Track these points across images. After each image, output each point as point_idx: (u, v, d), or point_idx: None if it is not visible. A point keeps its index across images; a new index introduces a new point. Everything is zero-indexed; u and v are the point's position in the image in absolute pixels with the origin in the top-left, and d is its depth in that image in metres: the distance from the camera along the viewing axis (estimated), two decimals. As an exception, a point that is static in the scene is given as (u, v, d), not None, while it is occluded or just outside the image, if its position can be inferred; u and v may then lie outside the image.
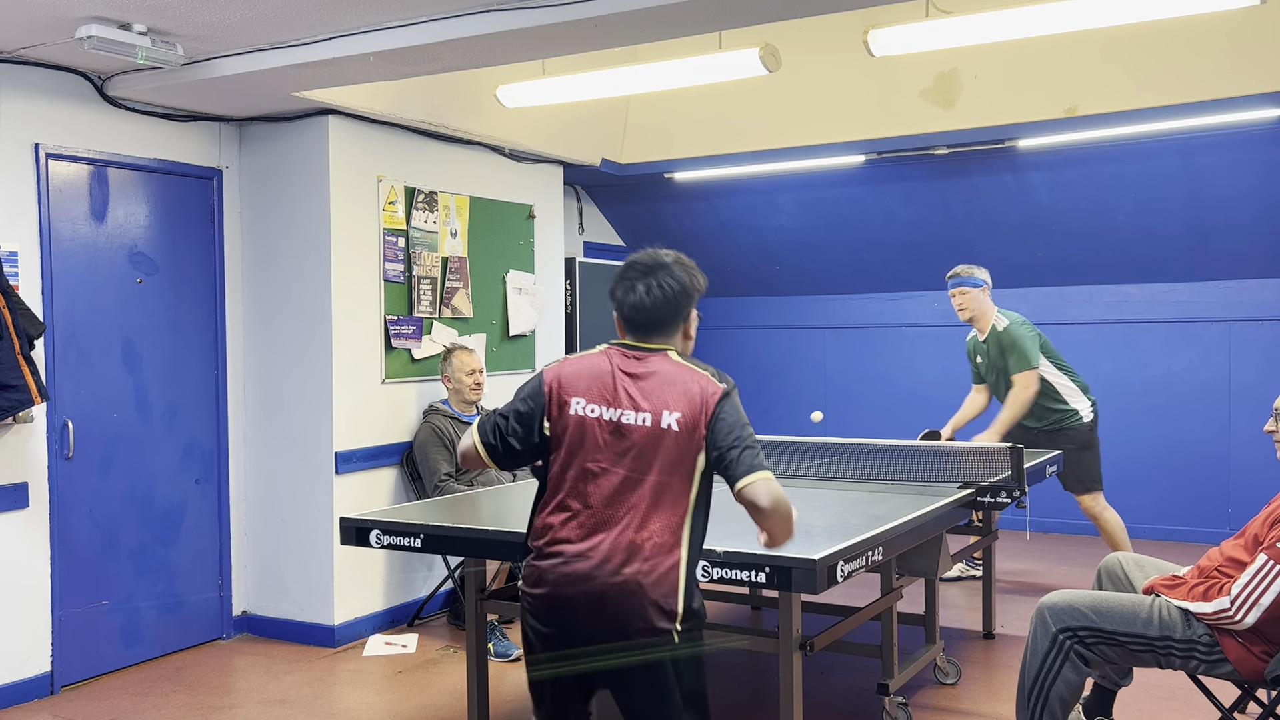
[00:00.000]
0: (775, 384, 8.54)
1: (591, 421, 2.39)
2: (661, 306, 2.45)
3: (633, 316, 2.47)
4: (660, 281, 2.46)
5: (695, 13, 3.60)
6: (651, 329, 2.47)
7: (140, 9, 3.72)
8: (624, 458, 2.35)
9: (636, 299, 2.45)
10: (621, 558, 2.30)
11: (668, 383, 2.38)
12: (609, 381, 2.41)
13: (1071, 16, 3.98)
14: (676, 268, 2.50)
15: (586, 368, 2.44)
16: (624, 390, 2.39)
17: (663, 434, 2.34)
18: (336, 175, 5.12)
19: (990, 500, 3.92)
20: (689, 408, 2.35)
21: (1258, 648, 3.02)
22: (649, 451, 2.35)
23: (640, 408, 2.37)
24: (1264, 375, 6.80)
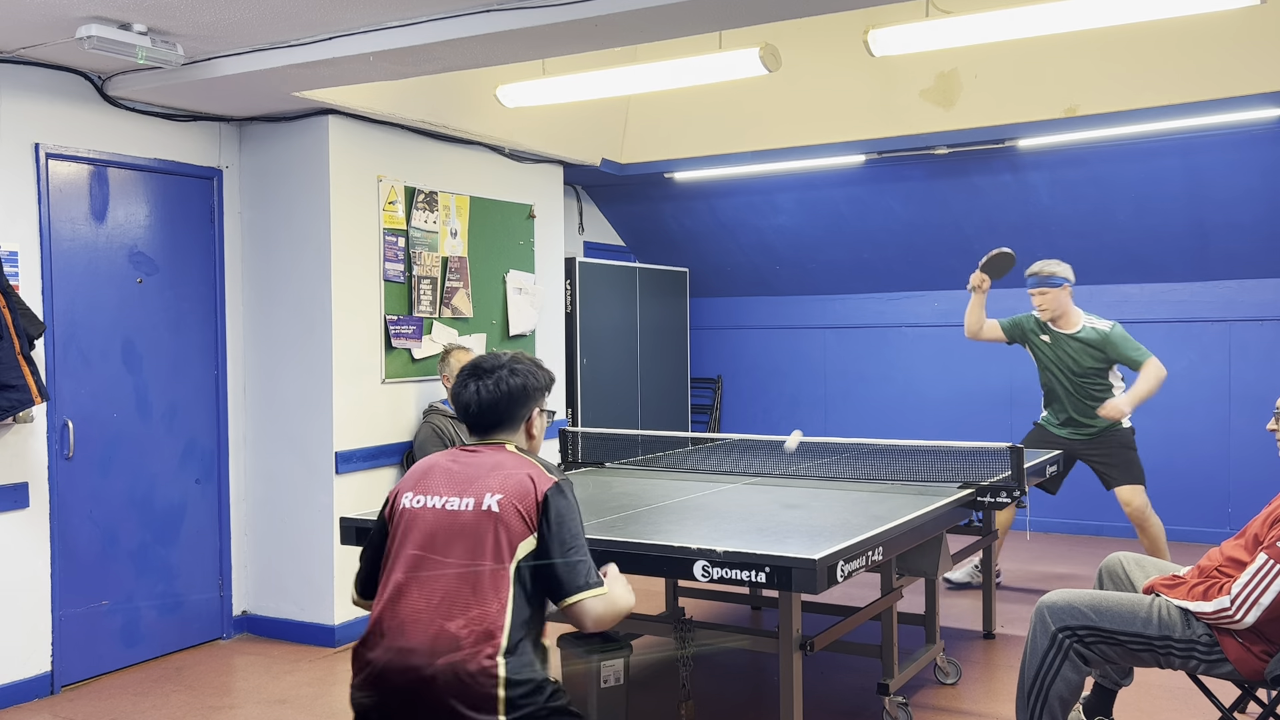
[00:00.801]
0: (775, 384, 8.54)
1: (416, 512, 2.38)
2: (496, 405, 2.46)
3: (466, 417, 2.51)
4: (496, 381, 2.47)
5: (695, 13, 3.60)
6: (489, 429, 2.50)
7: (140, 9, 3.72)
8: (447, 545, 2.31)
9: (469, 397, 2.48)
10: (440, 647, 2.22)
11: (495, 469, 2.38)
12: (436, 473, 2.42)
13: (1072, 16, 3.98)
14: (516, 365, 2.50)
15: (422, 466, 2.48)
16: (449, 479, 2.39)
17: (483, 517, 2.31)
18: (336, 175, 5.12)
19: (990, 500, 3.92)
20: (514, 491, 2.33)
21: (1257, 647, 3.02)
22: (470, 538, 2.30)
23: (464, 493, 2.35)
24: (1264, 375, 6.80)
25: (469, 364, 2.53)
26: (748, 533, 3.17)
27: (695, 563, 2.90)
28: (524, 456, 2.44)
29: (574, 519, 2.36)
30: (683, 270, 8.51)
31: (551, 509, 2.32)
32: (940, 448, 5.14)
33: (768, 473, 4.54)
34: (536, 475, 2.36)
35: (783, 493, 4.00)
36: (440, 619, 2.25)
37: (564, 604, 2.31)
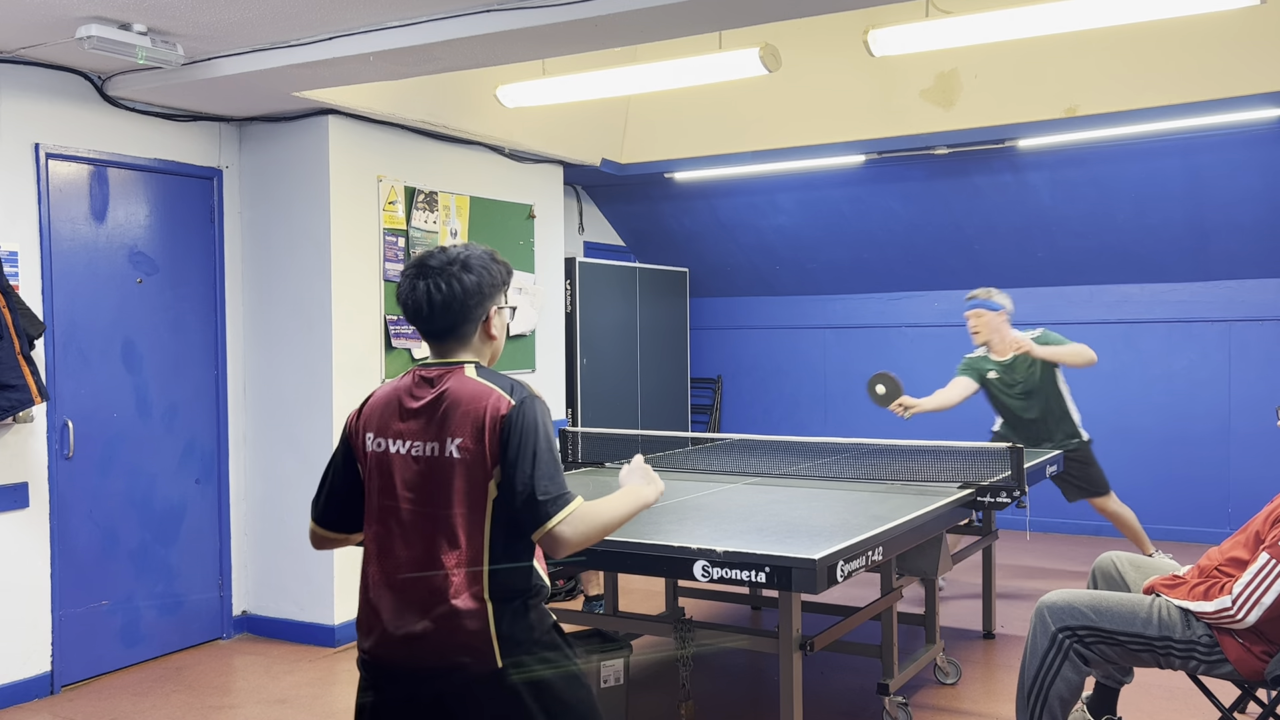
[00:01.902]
0: (775, 384, 8.54)
1: (380, 456, 2.20)
2: (449, 306, 2.17)
3: (416, 322, 2.23)
4: (448, 279, 2.17)
5: (695, 13, 3.60)
6: (443, 334, 2.22)
7: (140, 9, 3.72)
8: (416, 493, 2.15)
9: (418, 298, 2.18)
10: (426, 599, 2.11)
11: (455, 405, 2.14)
12: (396, 413, 2.20)
13: (1072, 16, 3.98)
14: (469, 258, 2.20)
15: (382, 396, 2.25)
16: (410, 420, 2.18)
17: (448, 463, 2.12)
18: (336, 175, 5.12)
19: (990, 500, 3.92)
20: (473, 432, 2.11)
21: (1258, 648, 3.02)
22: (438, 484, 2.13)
23: (425, 437, 2.15)
24: (1264, 375, 6.80)
25: (414, 260, 2.22)
26: (748, 533, 3.16)
27: (695, 563, 2.90)
28: (482, 382, 2.16)
29: (533, 437, 2.10)
30: (683, 270, 8.51)
31: (511, 433, 2.09)
32: (940, 448, 5.14)
33: (768, 473, 4.53)
34: (494, 404, 2.11)
35: (783, 493, 3.99)
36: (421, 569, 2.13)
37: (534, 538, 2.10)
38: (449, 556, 2.12)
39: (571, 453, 4.83)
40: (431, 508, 2.13)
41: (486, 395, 2.13)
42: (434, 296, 2.17)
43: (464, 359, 2.22)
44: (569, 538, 2.08)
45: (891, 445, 5.30)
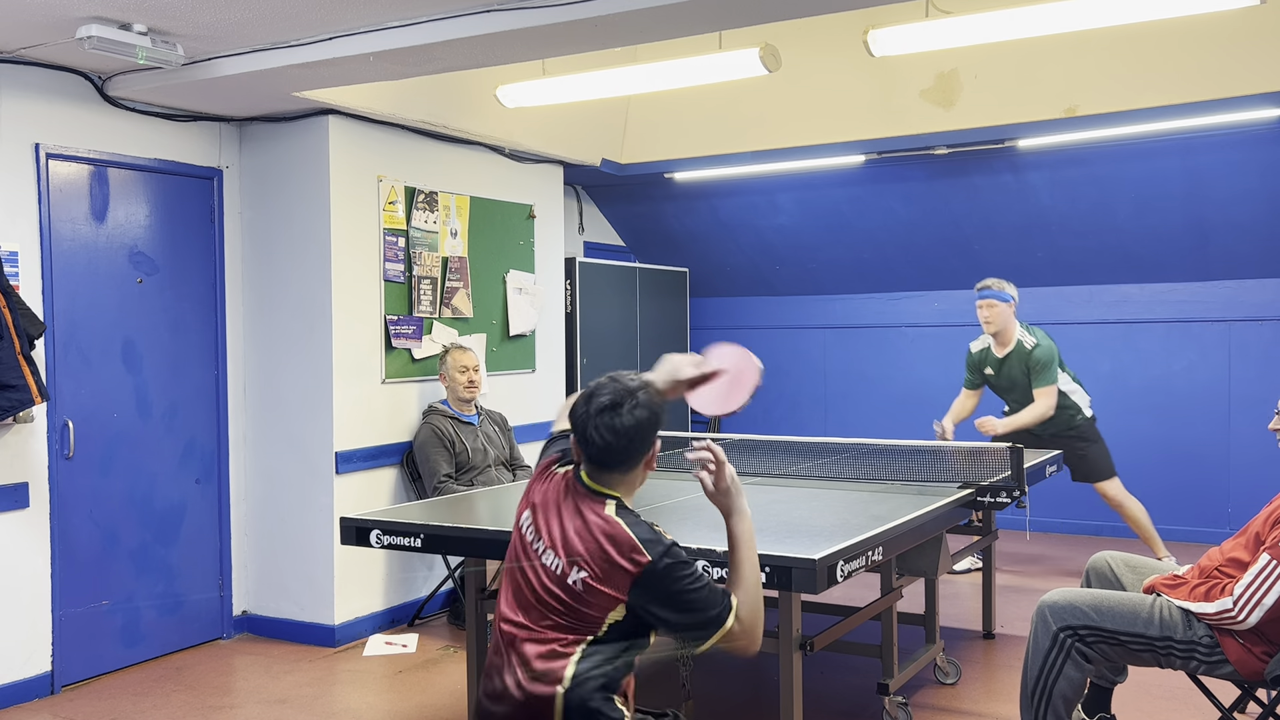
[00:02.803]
0: (775, 384, 8.54)
1: (522, 535, 2.44)
2: (625, 445, 2.32)
3: (590, 452, 2.36)
4: (630, 412, 2.31)
5: (695, 13, 3.60)
6: (614, 465, 2.36)
7: (140, 9, 3.72)
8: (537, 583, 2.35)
9: (598, 438, 2.32)
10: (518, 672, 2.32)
11: (592, 538, 2.30)
12: (548, 507, 2.41)
13: (1072, 16, 3.98)
14: (642, 395, 2.34)
15: (548, 486, 2.46)
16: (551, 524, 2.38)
17: (569, 586, 2.30)
18: (336, 175, 5.12)
19: (990, 500, 3.92)
20: (601, 574, 2.27)
21: (1258, 648, 3.02)
22: (555, 588, 2.32)
23: (556, 549, 2.33)
24: (1264, 375, 6.80)
25: (594, 390, 2.38)
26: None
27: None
28: (624, 529, 2.29)
29: (682, 572, 2.26)
30: (683, 270, 8.51)
31: (652, 586, 2.25)
32: (940, 448, 5.14)
33: (768, 473, 4.53)
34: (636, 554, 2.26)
35: (783, 493, 3.99)
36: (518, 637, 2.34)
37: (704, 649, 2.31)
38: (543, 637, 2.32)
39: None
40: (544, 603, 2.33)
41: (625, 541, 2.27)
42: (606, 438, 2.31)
43: (613, 492, 2.37)
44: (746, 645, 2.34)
45: (891, 445, 5.30)
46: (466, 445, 5.36)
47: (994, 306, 5.83)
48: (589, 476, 2.39)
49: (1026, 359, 5.84)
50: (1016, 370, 5.90)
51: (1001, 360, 5.94)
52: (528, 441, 6.11)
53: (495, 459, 5.46)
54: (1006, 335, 5.90)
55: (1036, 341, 5.84)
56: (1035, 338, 5.86)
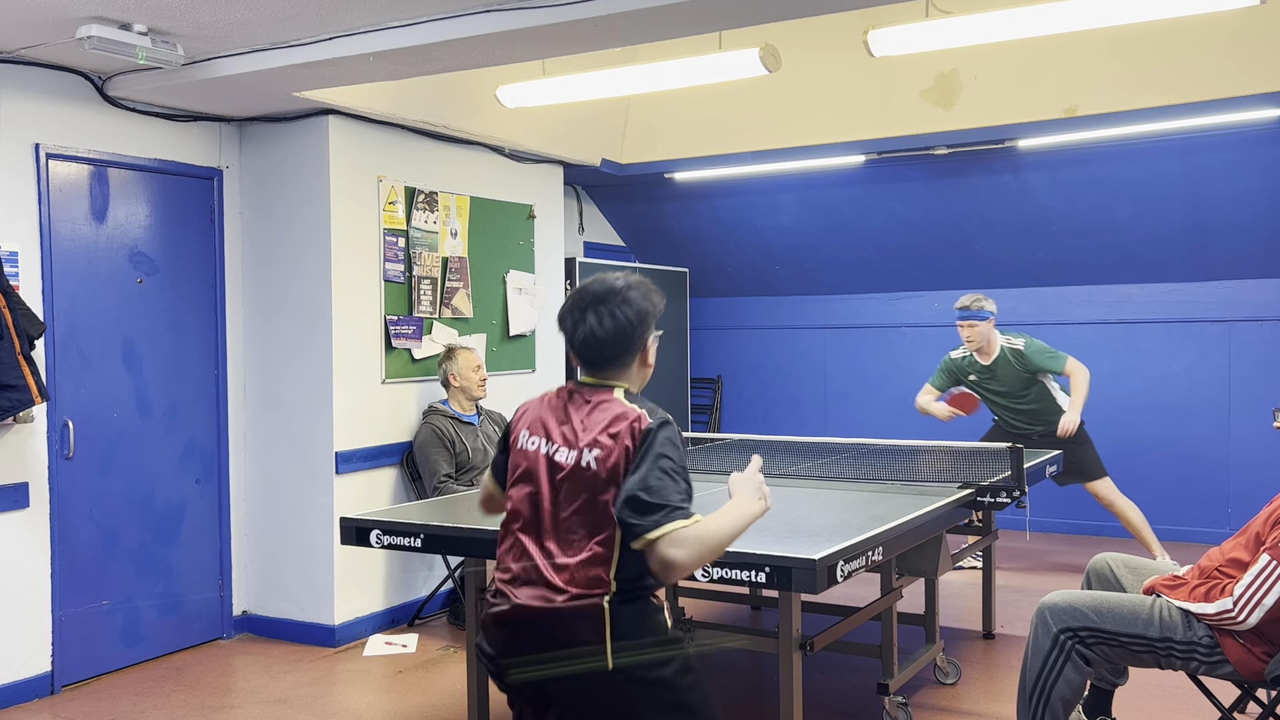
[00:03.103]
0: (775, 384, 8.54)
1: (528, 453, 2.37)
2: (616, 338, 2.31)
3: (584, 352, 2.35)
4: (612, 310, 2.30)
5: (695, 13, 3.60)
6: (606, 362, 2.35)
7: (140, 9, 3.72)
8: (556, 490, 2.30)
9: (586, 332, 2.31)
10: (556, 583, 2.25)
11: (599, 420, 2.29)
12: (549, 416, 2.38)
13: (1072, 16, 3.98)
14: (631, 293, 2.33)
15: (539, 404, 2.43)
16: (559, 427, 2.34)
17: (582, 471, 2.27)
18: (336, 175, 5.12)
19: (990, 500, 3.92)
20: (610, 445, 2.25)
21: (1258, 648, 3.02)
22: (576, 486, 2.28)
23: (570, 444, 2.30)
24: (1264, 375, 6.80)
25: (579, 289, 2.36)
26: (748, 533, 3.16)
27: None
28: (630, 406, 2.29)
29: (661, 449, 2.21)
30: (683, 270, 8.51)
31: (643, 443, 2.22)
32: (940, 448, 5.14)
33: (768, 473, 4.53)
34: (634, 420, 2.25)
35: (783, 493, 4.00)
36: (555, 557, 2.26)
37: (634, 546, 2.18)
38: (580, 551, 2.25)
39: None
40: (567, 505, 2.28)
41: (630, 414, 2.27)
42: (598, 333, 2.30)
43: (617, 383, 2.36)
44: (676, 559, 2.15)
45: (891, 445, 5.30)
46: (467, 445, 5.36)
47: (974, 326, 5.94)
48: (589, 376, 2.40)
49: (1021, 359, 5.92)
50: (1008, 373, 5.98)
51: (987, 367, 6.04)
52: (528, 441, 6.10)
53: (495, 459, 5.45)
54: (990, 347, 6.02)
55: (1024, 341, 5.94)
56: (1019, 339, 5.96)
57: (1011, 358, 5.94)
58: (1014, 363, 5.93)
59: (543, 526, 2.31)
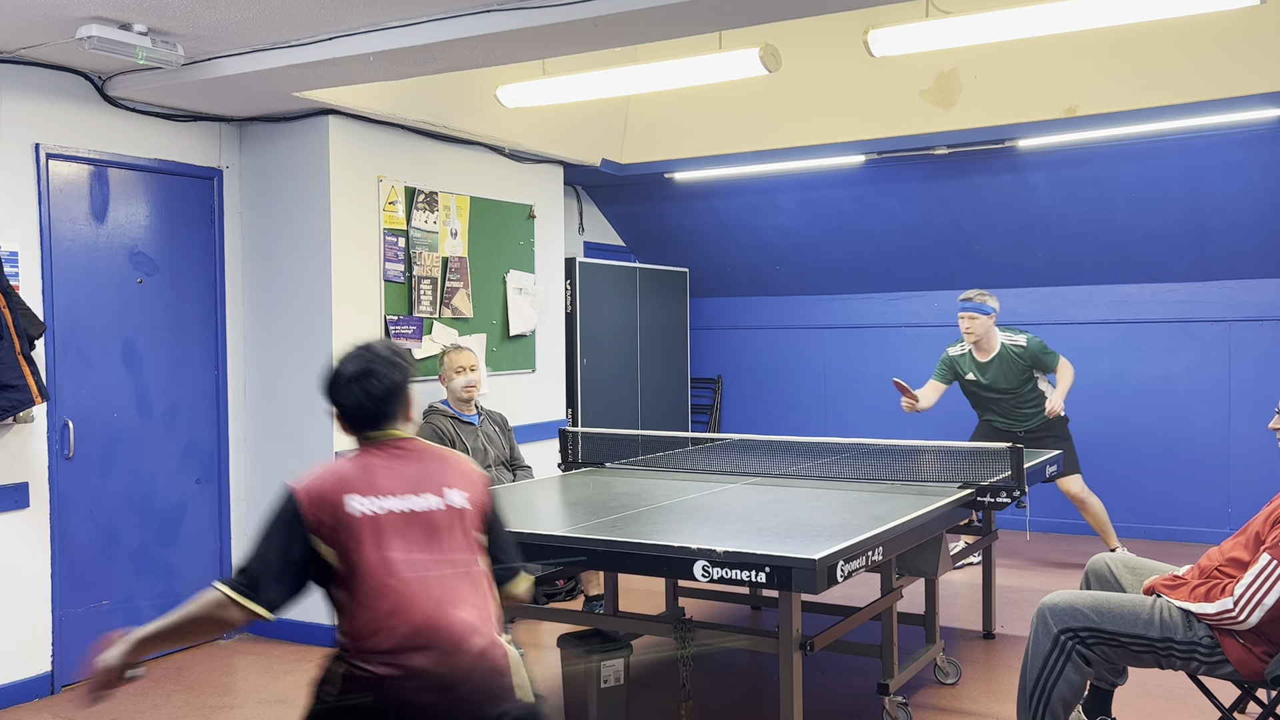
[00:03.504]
0: (775, 384, 8.54)
1: (378, 518, 2.27)
2: (390, 397, 2.44)
3: (360, 418, 2.44)
4: (380, 377, 2.44)
5: (695, 13, 3.60)
6: (381, 423, 2.45)
7: (140, 9, 3.72)
8: (429, 544, 2.29)
9: (361, 399, 2.42)
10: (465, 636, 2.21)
11: (439, 465, 2.42)
12: (380, 474, 2.34)
13: (1072, 16, 3.98)
14: (393, 358, 2.49)
15: (353, 470, 2.35)
16: (397, 479, 2.34)
17: (453, 514, 2.35)
18: (336, 175, 5.12)
19: (990, 500, 3.92)
20: (471, 488, 2.40)
21: (1259, 648, 3.02)
22: (446, 533, 2.32)
23: (421, 490, 2.34)
24: (1264, 375, 6.80)
25: (342, 365, 2.48)
26: (748, 533, 3.17)
27: (695, 563, 2.90)
28: (442, 450, 2.49)
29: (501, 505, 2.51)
30: (683, 270, 8.51)
31: (495, 502, 2.47)
32: (940, 448, 5.14)
33: (768, 473, 4.54)
34: (474, 472, 2.46)
35: (783, 493, 4.00)
36: (455, 610, 2.24)
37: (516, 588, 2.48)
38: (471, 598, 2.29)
39: (571, 453, 4.83)
40: (446, 556, 2.31)
41: (463, 463, 2.47)
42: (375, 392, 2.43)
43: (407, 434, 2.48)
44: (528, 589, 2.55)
45: (891, 445, 5.30)
46: (467, 445, 5.36)
47: (975, 319, 5.98)
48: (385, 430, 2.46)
49: (1022, 355, 5.97)
50: (1006, 370, 6.02)
51: (984, 365, 6.06)
52: (528, 442, 6.11)
53: (495, 459, 5.46)
54: (988, 343, 6.04)
55: (1025, 337, 5.99)
56: (1021, 335, 6.01)
57: (1013, 352, 5.98)
58: (1014, 357, 5.97)
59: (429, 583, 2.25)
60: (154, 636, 2.28)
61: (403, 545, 2.28)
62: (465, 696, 2.19)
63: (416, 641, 2.20)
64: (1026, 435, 6.04)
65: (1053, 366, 6.00)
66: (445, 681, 2.18)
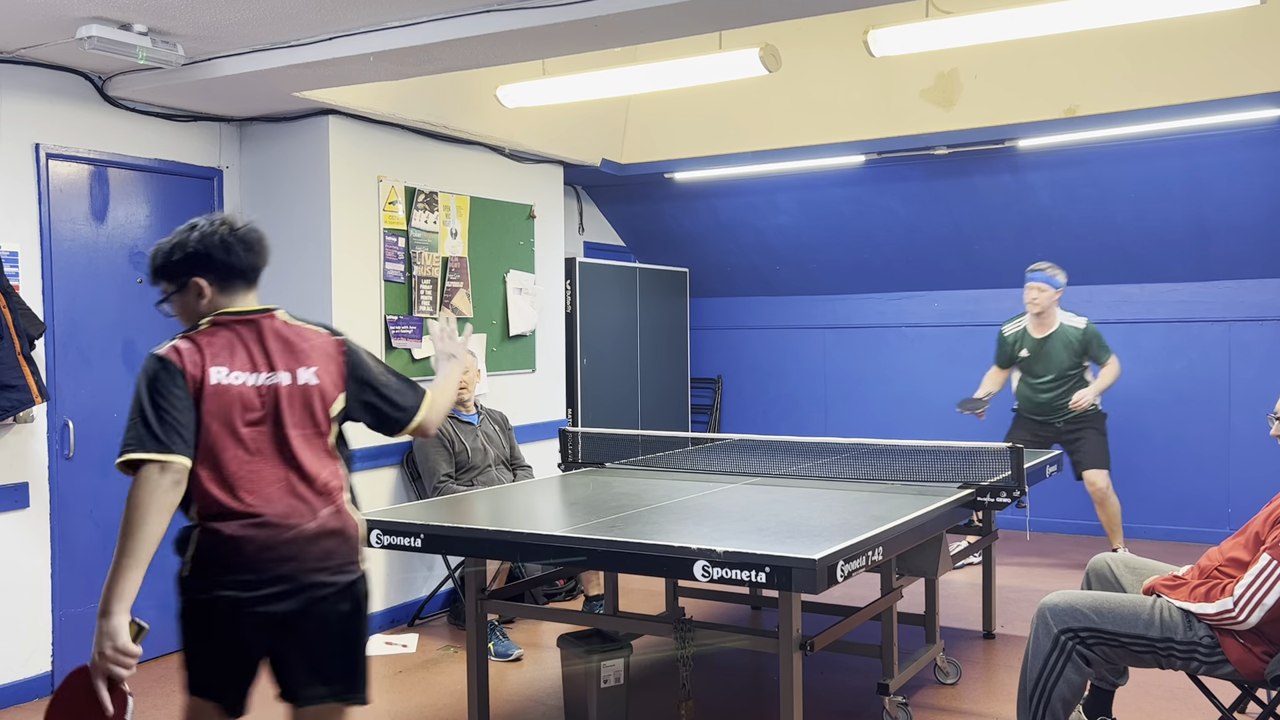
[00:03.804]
0: (775, 384, 8.54)
1: (234, 389, 2.39)
2: (260, 247, 2.60)
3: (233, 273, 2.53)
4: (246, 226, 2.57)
5: (695, 13, 3.60)
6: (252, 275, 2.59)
7: (140, 9, 3.72)
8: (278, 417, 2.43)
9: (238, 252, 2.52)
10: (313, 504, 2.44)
11: (297, 339, 2.52)
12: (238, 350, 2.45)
13: (1071, 16, 3.98)
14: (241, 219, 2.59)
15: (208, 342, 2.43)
16: (253, 355, 2.45)
17: (304, 390, 2.46)
18: (336, 175, 5.12)
19: (990, 500, 3.92)
20: (322, 362, 2.51)
21: (1259, 648, 3.02)
22: (296, 408, 2.45)
23: (276, 368, 2.45)
24: (1264, 375, 6.80)
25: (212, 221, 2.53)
26: (748, 533, 3.17)
27: (695, 563, 2.90)
28: (301, 324, 2.57)
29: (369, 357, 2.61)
30: (683, 270, 8.51)
31: (351, 358, 2.56)
32: (940, 448, 5.14)
33: (768, 473, 4.54)
34: (326, 340, 2.56)
35: (783, 493, 4.00)
36: (300, 482, 2.43)
37: (411, 428, 2.62)
38: (321, 469, 2.47)
39: (571, 453, 4.83)
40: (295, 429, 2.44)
41: (317, 336, 2.56)
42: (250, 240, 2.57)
43: (269, 305, 2.57)
44: (436, 419, 2.68)
45: (891, 445, 5.30)
46: (466, 445, 5.36)
47: (1043, 290, 6.05)
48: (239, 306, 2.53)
49: (1079, 337, 6.06)
50: (1059, 351, 6.08)
51: (1041, 341, 6.12)
52: (528, 442, 6.11)
53: (495, 458, 5.46)
54: (1049, 319, 6.11)
55: (1086, 321, 6.10)
56: (1081, 320, 6.12)
57: (1070, 333, 6.07)
58: (1071, 339, 6.05)
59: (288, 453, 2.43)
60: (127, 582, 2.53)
61: (255, 419, 2.40)
62: (310, 563, 2.40)
63: (264, 510, 2.38)
64: (1064, 426, 6.14)
65: (1102, 360, 6.08)
66: (291, 549, 2.38)
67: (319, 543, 2.42)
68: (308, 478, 2.43)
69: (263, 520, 2.37)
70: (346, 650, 2.51)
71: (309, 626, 2.45)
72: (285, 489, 2.41)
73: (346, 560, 2.47)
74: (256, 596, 2.40)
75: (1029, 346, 6.18)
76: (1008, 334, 6.32)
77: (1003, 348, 6.34)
